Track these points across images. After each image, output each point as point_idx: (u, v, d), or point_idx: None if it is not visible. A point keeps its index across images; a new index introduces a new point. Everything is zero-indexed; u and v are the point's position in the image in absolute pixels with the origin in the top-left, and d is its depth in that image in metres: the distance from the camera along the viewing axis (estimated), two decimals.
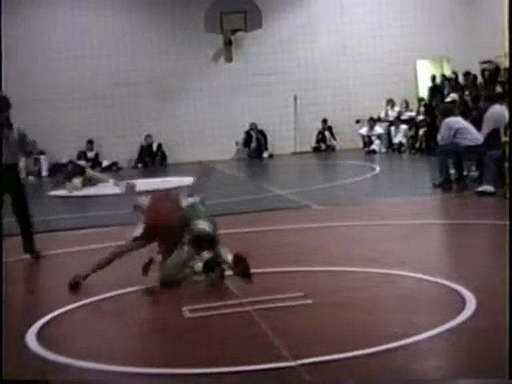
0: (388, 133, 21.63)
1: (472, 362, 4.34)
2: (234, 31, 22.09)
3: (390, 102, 22.50)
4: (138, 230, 6.87)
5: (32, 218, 8.89)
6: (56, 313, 5.86)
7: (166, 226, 6.74)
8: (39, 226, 11.15)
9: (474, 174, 12.31)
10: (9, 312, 5.74)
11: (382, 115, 22.42)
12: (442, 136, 12.23)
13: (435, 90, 20.88)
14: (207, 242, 6.59)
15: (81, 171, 17.20)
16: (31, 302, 6.52)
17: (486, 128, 11.76)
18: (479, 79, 19.40)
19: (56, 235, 10.21)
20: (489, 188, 10.77)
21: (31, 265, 8.34)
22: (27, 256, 8.52)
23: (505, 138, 11.21)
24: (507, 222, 3.93)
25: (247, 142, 23.23)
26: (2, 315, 3.92)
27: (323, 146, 23.35)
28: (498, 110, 11.73)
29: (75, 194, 16.02)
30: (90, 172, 17.64)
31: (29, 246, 8.62)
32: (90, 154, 22.20)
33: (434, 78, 21.84)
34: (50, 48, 22.14)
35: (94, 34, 22.41)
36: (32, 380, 4.45)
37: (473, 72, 19.83)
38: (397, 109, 22.35)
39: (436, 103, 19.06)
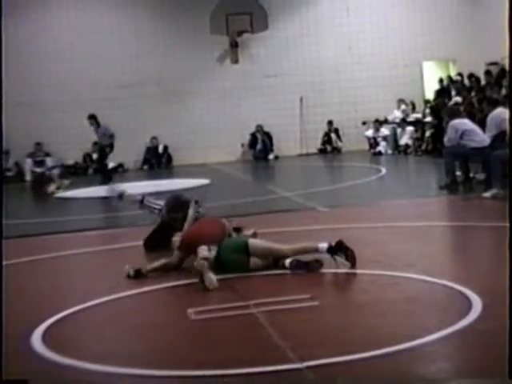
0: (394, 134, 21.61)
1: (479, 364, 4.32)
2: (239, 33, 22.13)
3: (402, 102, 22.47)
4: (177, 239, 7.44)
5: None
6: (62, 314, 5.85)
7: (196, 245, 7.03)
8: (43, 227, 11.19)
9: (481, 175, 12.28)
10: (14, 313, 5.75)
11: (391, 117, 22.36)
12: (448, 138, 12.20)
13: (442, 93, 20.84)
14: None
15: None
16: (36, 303, 6.51)
17: (489, 131, 11.74)
18: (483, 81, 19.34)
19: (60, 237, 10.21)
20: (499, 192, 10.61)
21: (36, 266, 8.33)
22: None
23: None
24: (507, 224, 3.91)
25: (253, 143, 23.23)
26: (2, 315, 3.90)
27: (329, 148, 23.34)
28: (501, 113, 11.69)
29: (78, 195, 16.10)
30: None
31: None
32: (96, 156, 22.20)
33: (441, 80, 21.79)
34: (55, 50, 22.20)
35: (100, 36, 22.45)
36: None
37: (479, 74, 19.78)
38: (403, 107, 22.30)
39: (442, 104, 19.02)
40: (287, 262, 6.86)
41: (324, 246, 6.84)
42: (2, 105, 4.18)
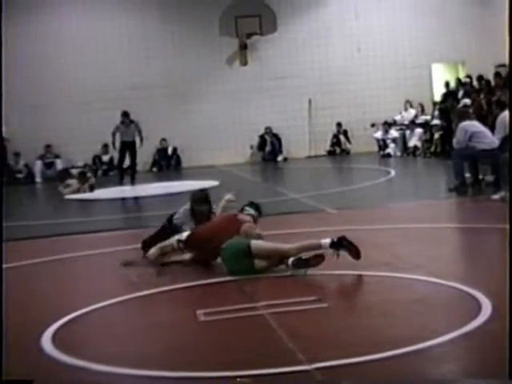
0: (403, 136, 21.60)
1: (487, 366, 4.31)
2: (249, 35, 22.16)
3: (408, 103, 22.49)
4: (184, 235, 7.46)
5: None
6: (72, 315, 5.87)
7: (206, 243, 7.19)
8: (53, 229, 11.22)
9: (490, 177, 12.26)
10: (25, 314, 5.78)
11: (398, 118, 22.37)
12: (457, 139, 12.19)
13: (449, 96, 20.78)
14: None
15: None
16: (47, 304, 6.54)
17: (498, 133, 11.72)
18: (492, 83, 19.28)
19: (70, 238, 10.24)
20: (507, 194, 10.56)
21: (47, 268, 8.37)
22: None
23: None
24: (507, 226, 3.92)
25: (262, 145, 23.25)
26: (2, 315, 3.93)
27: (338, 150, 23.34)
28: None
29: (88, 197, 16.14)
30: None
31: None
32: (105, 158, 22.28)
33: (447, 84, 21.71)
34: (64, 52, 22.26)
35: (109, 38, 22.51)
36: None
37: (488, 76, 19.73)
38: (413, 111, 22.32)
39: (451, 106, 18.97)
40: (289, 261, 6.88)
41: (327, 241, 6.90)
42: (2, 105, 4.20)
